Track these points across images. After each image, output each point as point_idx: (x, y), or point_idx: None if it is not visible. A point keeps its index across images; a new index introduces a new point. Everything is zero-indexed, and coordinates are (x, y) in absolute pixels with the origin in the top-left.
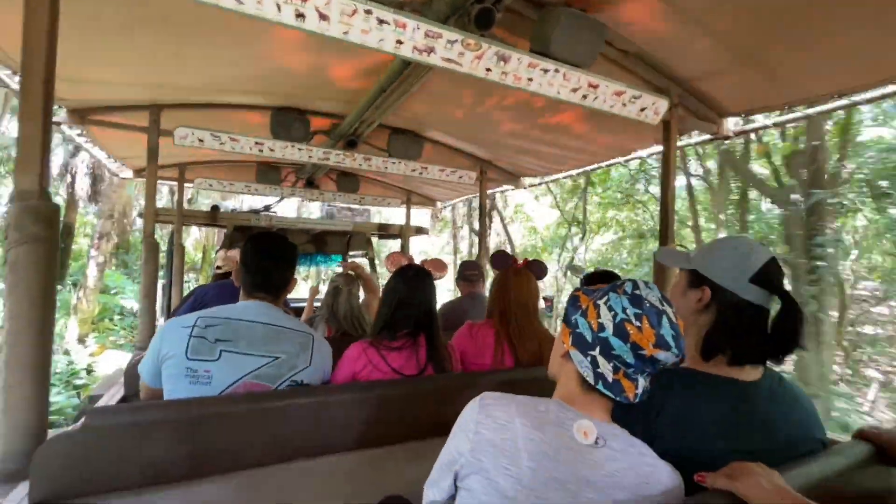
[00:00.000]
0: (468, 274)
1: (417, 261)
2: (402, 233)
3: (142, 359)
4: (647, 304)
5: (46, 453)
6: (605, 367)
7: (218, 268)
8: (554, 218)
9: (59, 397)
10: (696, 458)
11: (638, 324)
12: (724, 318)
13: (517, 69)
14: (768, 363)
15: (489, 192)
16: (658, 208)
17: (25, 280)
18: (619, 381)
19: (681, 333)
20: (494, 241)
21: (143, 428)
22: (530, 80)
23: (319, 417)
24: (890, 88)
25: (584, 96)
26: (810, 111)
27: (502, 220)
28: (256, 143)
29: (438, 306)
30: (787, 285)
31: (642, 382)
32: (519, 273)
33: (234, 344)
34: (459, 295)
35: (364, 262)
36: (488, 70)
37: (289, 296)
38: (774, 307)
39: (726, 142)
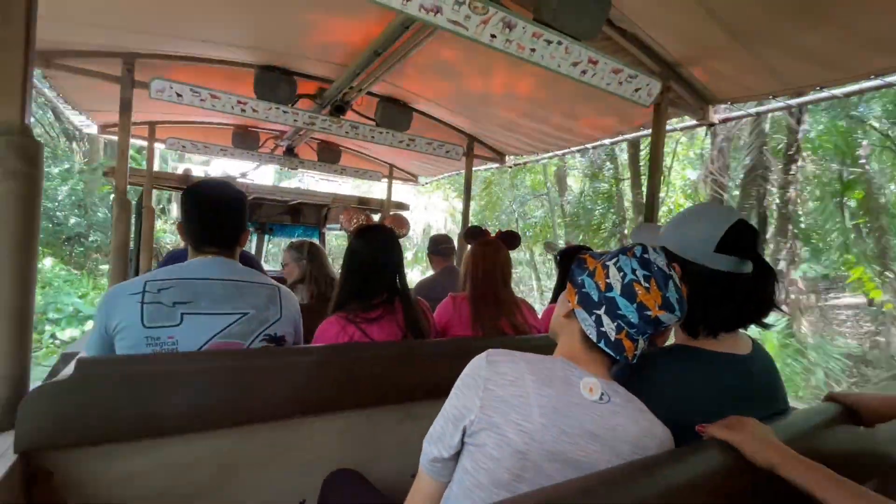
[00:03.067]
0: (441, 248)
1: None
2: (383, 207)
3: None
4: (656, 268)
5: (33, 402)
6: (609, 327)
7: None
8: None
9: None
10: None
11: (646, 285)
12: (696, 291)
13: (521, 38)
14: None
15: (474, 168)
16: None
17: (7, 220)
18: (622, 340)
19: (684, 297)
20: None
21: (136, 379)
22: (533, 50)
23: (313, 377)
24: (873, 83)
25: (584, 71)
26: (792, 102)
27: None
28: (239, 101)
29: (415, 284)
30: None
31: (641, 344)
32: (487, 244)
33: (195, 305)
34: (431, 270)
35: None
36: (493, 36)
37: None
38: None
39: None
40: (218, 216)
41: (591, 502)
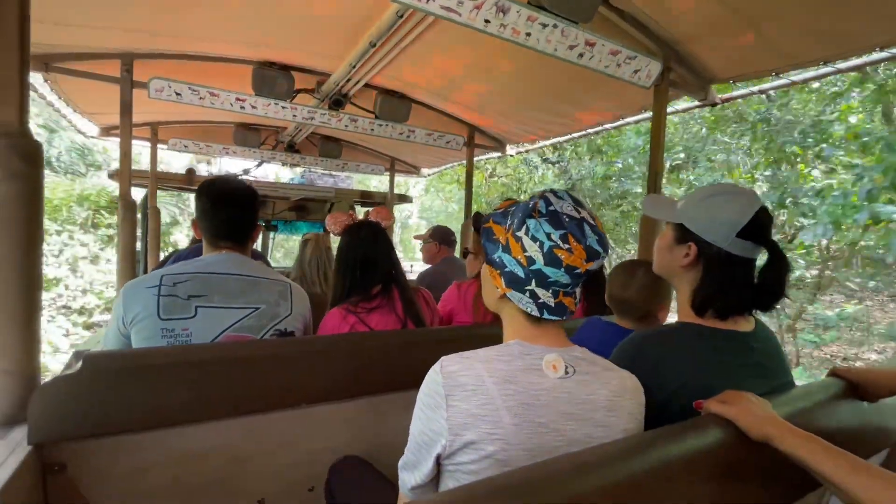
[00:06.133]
0: (443, 237)
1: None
2: (386, 200)
3: None
4: (567, 219)
5: (45, 396)
6: (546, 296)
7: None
8: None
9: None
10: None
11: (566, 246)
12: (711, 273)
13: (516, 22)
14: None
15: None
16: None
17: (11, 220)
18: (562, 301)
19: (603, 233)
20: None
21: (142, 372)
22: (528, 34)
23: (319, 366)
24: (874, 56)
25: (581, 55)
26: (796, 78)
27: None
28: (238, 98)
29: (417, 275)
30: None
31: (579, 291)
32: None
33: (208, 299)
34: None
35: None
36: (487, 22)
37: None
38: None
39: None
40: (232, 212)
41: (585, 480)
